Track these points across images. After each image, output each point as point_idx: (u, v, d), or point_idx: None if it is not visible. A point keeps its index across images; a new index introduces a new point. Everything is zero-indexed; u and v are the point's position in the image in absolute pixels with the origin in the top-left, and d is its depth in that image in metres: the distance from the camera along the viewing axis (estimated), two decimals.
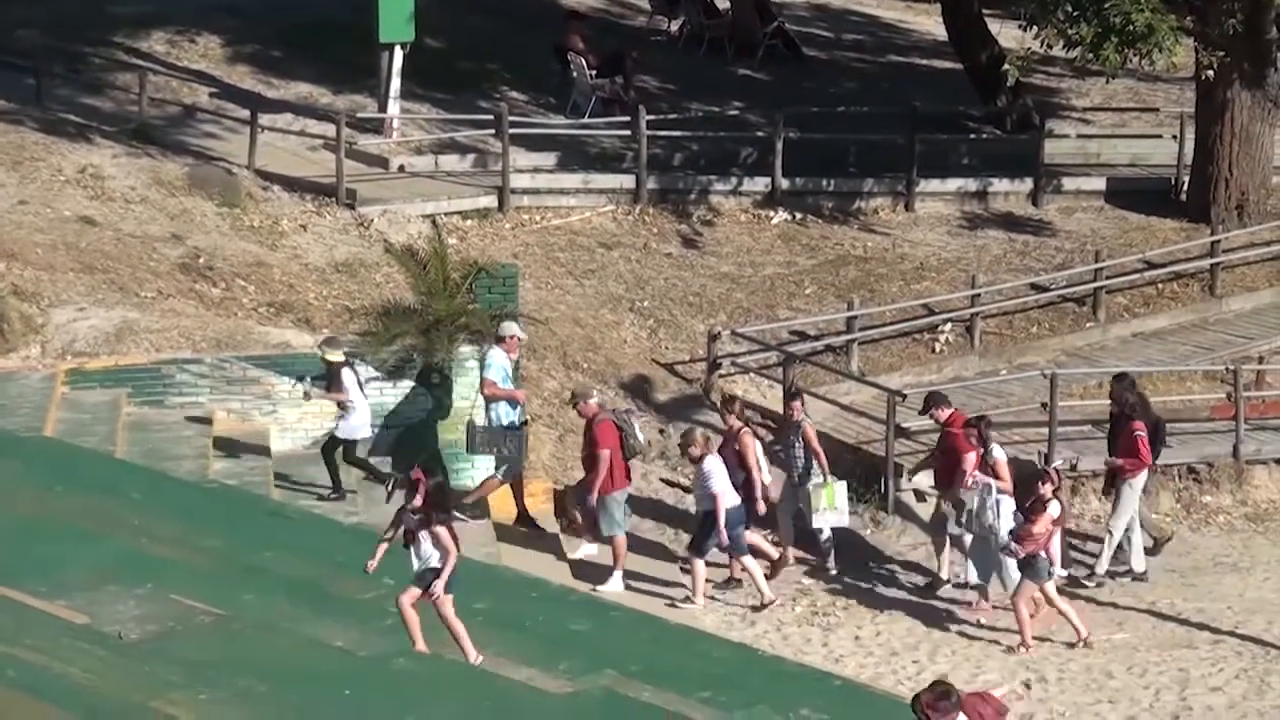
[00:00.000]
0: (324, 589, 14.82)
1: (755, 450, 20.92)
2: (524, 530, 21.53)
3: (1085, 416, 24.17)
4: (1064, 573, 20.44)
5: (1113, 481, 21.59)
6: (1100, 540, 21.81)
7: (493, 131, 29.32)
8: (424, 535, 14.19)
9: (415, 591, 14.06)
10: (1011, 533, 19.83)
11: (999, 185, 30.67)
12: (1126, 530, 21.50)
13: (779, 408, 24.22)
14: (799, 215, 29.53)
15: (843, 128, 30.64)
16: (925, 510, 22.68)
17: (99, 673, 10.94)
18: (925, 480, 22.15)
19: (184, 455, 20.19)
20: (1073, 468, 23.28)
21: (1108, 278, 27.92)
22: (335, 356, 20.57)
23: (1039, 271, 28.37)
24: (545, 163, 29.90)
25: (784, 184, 29.59)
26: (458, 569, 14.18)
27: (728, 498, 20.25)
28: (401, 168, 29.21)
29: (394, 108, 29.74)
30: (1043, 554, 19.58)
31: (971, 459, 20.50)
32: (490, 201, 28.42)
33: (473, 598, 14.57)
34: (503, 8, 34.84)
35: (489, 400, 21.32)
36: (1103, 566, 21.48)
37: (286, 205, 27.29)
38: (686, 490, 22.86)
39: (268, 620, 13.63)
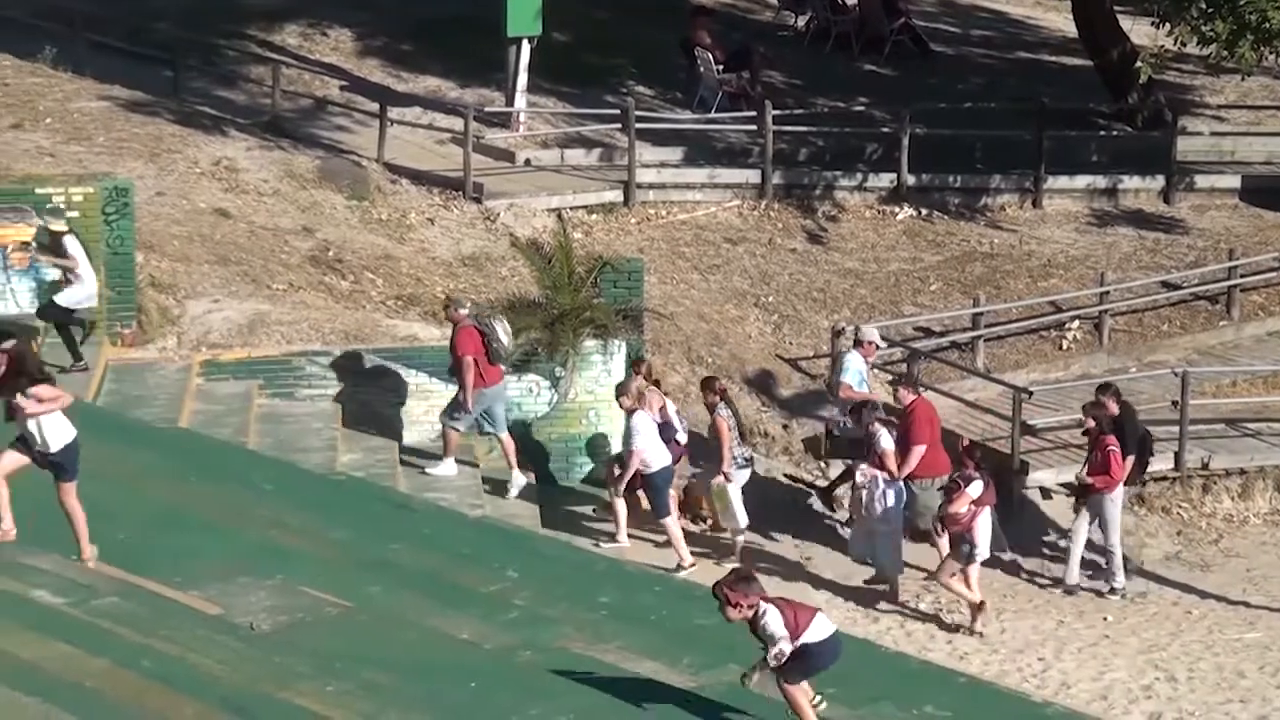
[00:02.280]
0: (449, 581, 14.89)
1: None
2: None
3: (1218, 415, 24.02)
4: (985, 555, 20.06)
5: (1084, 496, 21.24)
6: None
7: (619, 126, 29.43)
8: (23, 409, 13.26)
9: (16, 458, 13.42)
10: (939, 512, 19.84)
11: (1129, 182, 30.46)
12: (1094, 543, 21.33)
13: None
14: (924, 211, 29.44)
15: (970, 124, 30.52)
16: (1050, 507, 22.63)
17: (231, 664, 11.06)
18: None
19: (313, 447, 20.42)
20: (1204, 466, 23.15)
21: (1242, 276, 27.68)
22: (59, 226, 20.63)
23: (1170, 269, 28.16)
24: (671, 157, 29.97)
25: (910, 180, 29.52)
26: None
27: (655, 457, 20.20)
28: (528, 161, 29.36)
29: (521, 102, 29.90)
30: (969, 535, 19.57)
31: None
32: (616, 196, 28.53)
33: (597, 592, 14.63)
34: (630, 2, 34.92)
35: (844, 403, 21.76)
36: (1120, 579, 21.20)
37: (414, 198, 27.49)
38: (810, 487, 22.88)
39: (394, 612, 13.71)
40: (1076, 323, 26.81)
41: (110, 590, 12.02)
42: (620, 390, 20.70)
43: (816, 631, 12.02)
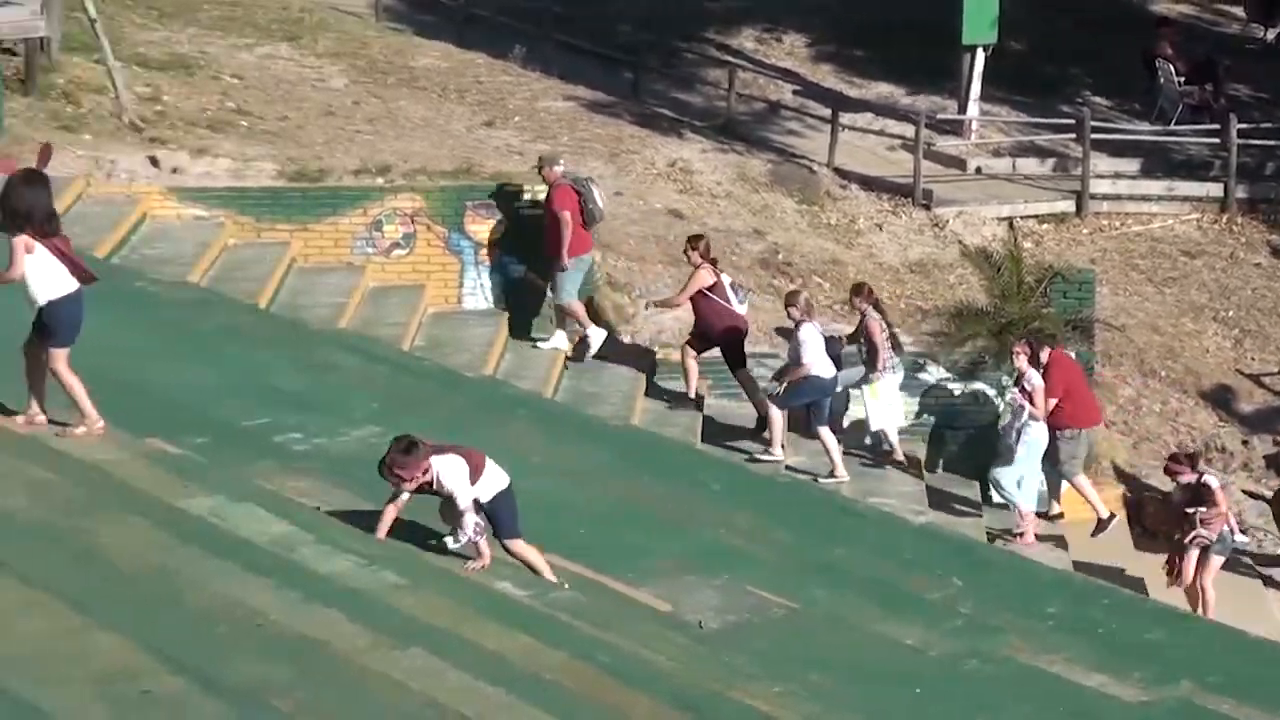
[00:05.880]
0: (893, 587, 14.91)
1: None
2: None
3: None
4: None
5: None
6: None
7: (1073, 136, 29.07)
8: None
9: None
10: None
11: None
12: None
13: None
14: None
15: None
16: None
17: (681, 660, 11.24)
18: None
19: (760, 450, 20.66)
20: None
21: None
22: None
23: None
24: (1127, 169, 29.47)
25: None
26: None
27: (817, 368, 20.16)
28: (978, 169, 29.21)
29: (973, 109, 29.78)
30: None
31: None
32: (1068, 206, 28.20)
33: (1044, 602, 14.54)
34: (1090, 12, 34.41)
35: None
36: None
37: (863, 204, 27.58)
38: (1267, 501, 22.36)
39: (838, 616, 13.78)
40: None
41: (568, 584, 12.36)
42: (789, 301, 20.74)
43: (492, 482, 11.84)
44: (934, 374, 22.18)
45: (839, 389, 21.04)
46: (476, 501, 11.84)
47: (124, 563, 10.08)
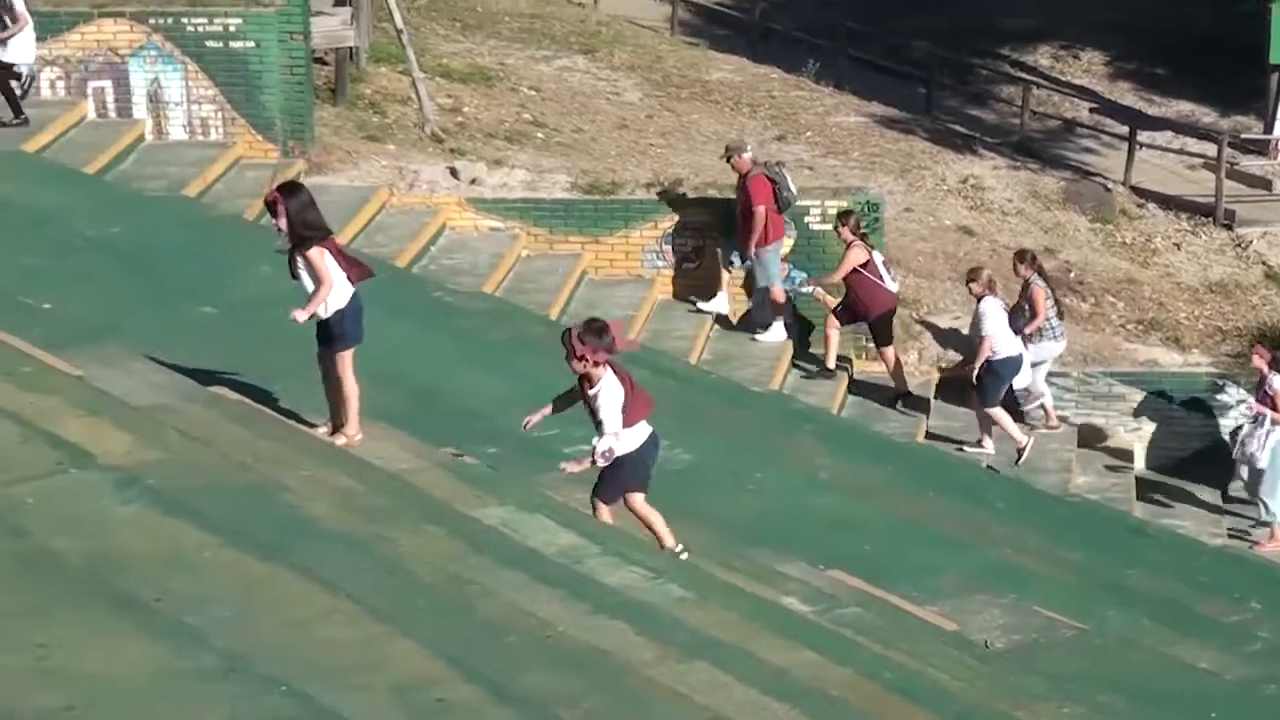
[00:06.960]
0: (1187, 609, 14.74)
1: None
2: None
3: None
4: None
5: None
6: None
7: None
8: (300, 263, 11.98)
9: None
10: None
11: None
12: None
13: None
14: None
15: None
16: None
17: (967, 680, 11.19)
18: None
19: (1048, 468, 20.47)
20: None
21: None
22: None
23: None
24: None
25: None
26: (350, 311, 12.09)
27: (1000, 344, 20.01)
28: None
29: None
30: None
31: None
32: None
33: None
34: None
35: None
36: None
37: (1160, 223, 27.16)
38: None
39: (1129, 637, 13.65)
40: None
41: (852, 600, 12.35)
42: (971, 278, 20.66)
43: (637, 434, 11.39)
44: (1234, 395, 21.78)
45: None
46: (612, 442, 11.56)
47: (421, 571, 10.28)
